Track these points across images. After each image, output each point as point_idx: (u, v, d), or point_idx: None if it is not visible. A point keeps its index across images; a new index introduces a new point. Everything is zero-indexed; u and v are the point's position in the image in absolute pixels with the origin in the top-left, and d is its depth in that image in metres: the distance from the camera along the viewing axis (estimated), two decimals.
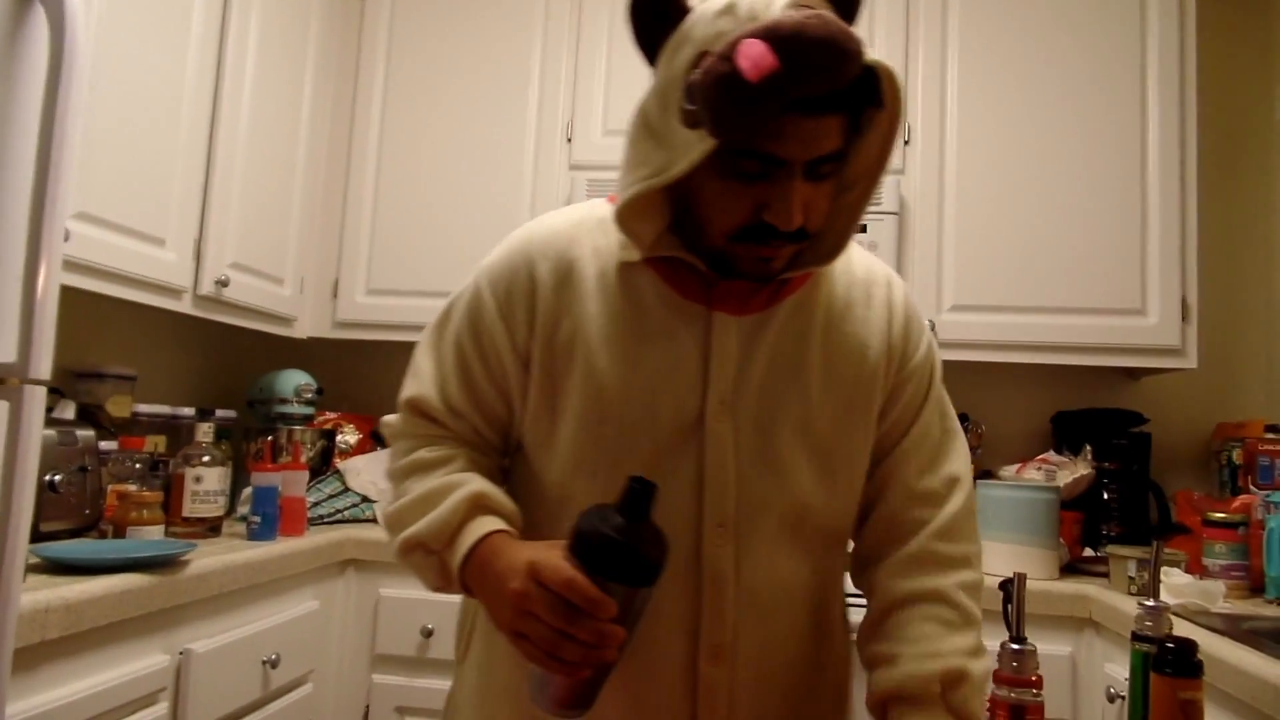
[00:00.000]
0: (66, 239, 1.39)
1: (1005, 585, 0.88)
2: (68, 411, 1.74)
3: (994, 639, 0.90)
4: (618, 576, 0.75)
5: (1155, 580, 0.94)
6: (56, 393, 1.78)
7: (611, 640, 0.75)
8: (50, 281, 1.00)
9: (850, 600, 1.04)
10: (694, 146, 0.80)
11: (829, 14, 0.78)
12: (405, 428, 0.98)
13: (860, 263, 1.00)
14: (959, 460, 0.99)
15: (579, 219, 0.96)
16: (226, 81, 1.98)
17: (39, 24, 1.07)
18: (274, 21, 2.15)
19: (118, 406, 1.94)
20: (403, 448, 0.97)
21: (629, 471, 0.79)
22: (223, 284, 1.98)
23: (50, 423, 1.56)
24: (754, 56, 0.75)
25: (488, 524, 0.87)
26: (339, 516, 2.15)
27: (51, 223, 1.00)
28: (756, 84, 0.75)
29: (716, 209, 0.85)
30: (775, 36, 0.75)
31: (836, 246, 0.91)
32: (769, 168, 0.81)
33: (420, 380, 0.97)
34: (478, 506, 0.88)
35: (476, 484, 0.89)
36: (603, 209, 0.96)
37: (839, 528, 0.97)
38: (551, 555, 0.78)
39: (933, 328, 2.14)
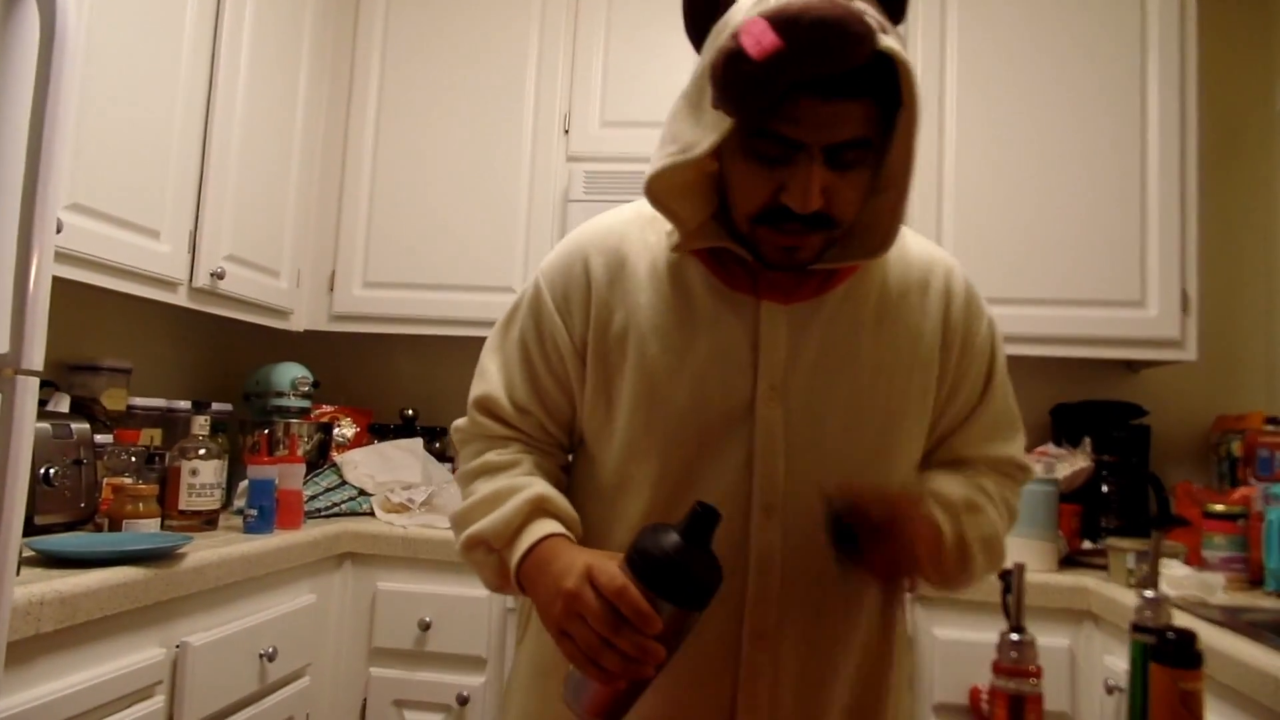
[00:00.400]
0: (60, 230, 1.38)
1: (1005, 575, 0.88)
2: (62, 404, 1.73)
3: (993, 630, 0.90)
4: (669, 595, 0.76)
5: (1155, 572, 0.93)
6: (51, 386, 1.77)
7: (651, 657, 0.76)
8: (42, 272, 0.99)
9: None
10: (718, 127, 0.82)
11: (855, 2, 0.79)
12: (474, 429, 1.01)
13: (918, 250, 1.00)
14: (1020, 443, 1.01)
15: (631, 217, 0.99)
16: (221, 71, 1.96)
17: (29, 13, 1.06)
18: (269, 10, 2.14)
19: (113, 399, 1.93)
20: (472, 450, 1.00)
21: (681, 456, 0.85)
22: (218, 276, 1.97)
23: (45, 415, 1.56)
24: (756, 34, 0.76)
25: (547, 526, 0.90)
26: (336, 510, 2.14)
27: (43, 213, 0.99)
28: (760, 62, 0.76)
29: (740, 191, 0.87)
30: (780, 16, 0.76)
31: (884, 243, 0.91)
32: (788, 151, 0.83)
33: (487, 380, 1.00)
34: (539, 510, 0.91)
35: (539, 487, 0.92)
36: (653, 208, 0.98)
37: None
38: (609, 564, 0.79)
39: None
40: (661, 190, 0.89)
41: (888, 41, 0.79)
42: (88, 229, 1.60)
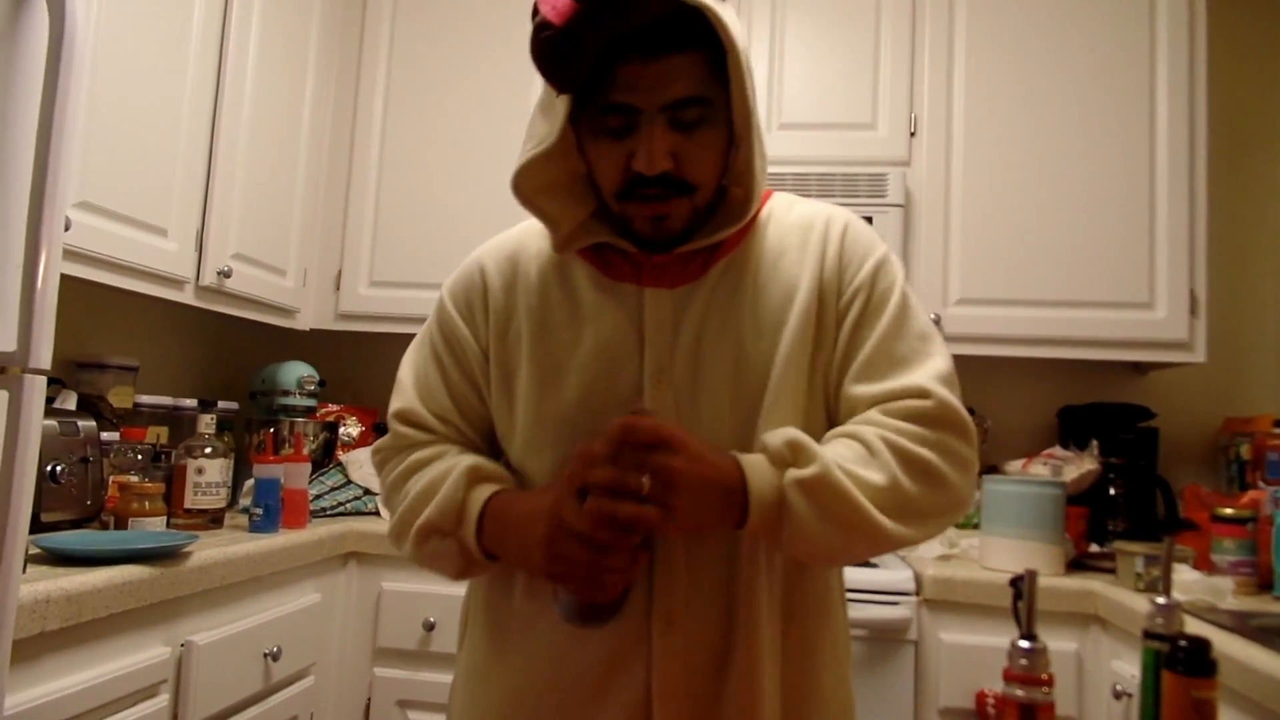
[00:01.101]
0: (68, 228, 1.38)
1: (1016, 582, 0.87)
2: (69, 402, 1.73)
3: (1004, 636, 0.89)
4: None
5: (1168, 577, 0.92)
6: (58, 383, 1.77)
7: (640, 559, 0.82)
8: (50, 270, 0.99)
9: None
10: (561, 111, 0.87)
11: None
12: (397, 442, 1.02)
13: (800, 210, 0.99)
14: (924, 372, 0.89)
15: (526, 228, 1.03)
16: (229, 70, 1.96)
17: (39, 11, 1.06)
18: (277, 9, 2.14)
19: (119, 397, 1.93)
20: (396, 461, 1.00)
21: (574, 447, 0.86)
22: (225, 275, 1.97)
23: (51, 413, 1.56)
24: (552, 1, 0.80)
25: (487, 490, 0.92)
26: (341, 509, 2.14)
27: (52, 211, 0.99)
28: (561, 26, 0.80)
29: (600, 173, 0.90)
30: None
31: (746, 205, 0.93)
32: (629, 119, 0.85)
33: (404, 394, 1.03)
34: (476, 479, 0.93)
35: (468, 459, 0.94)
36: None
37: None
38: (565, 499, 0.82)
39: (938, 321, 2.14)
40: (532, 191, 0.92)
41: None
42: (95, 227, 1.60)
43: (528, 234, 1.02)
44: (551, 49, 0.82)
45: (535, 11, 0.83)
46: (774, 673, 0.89)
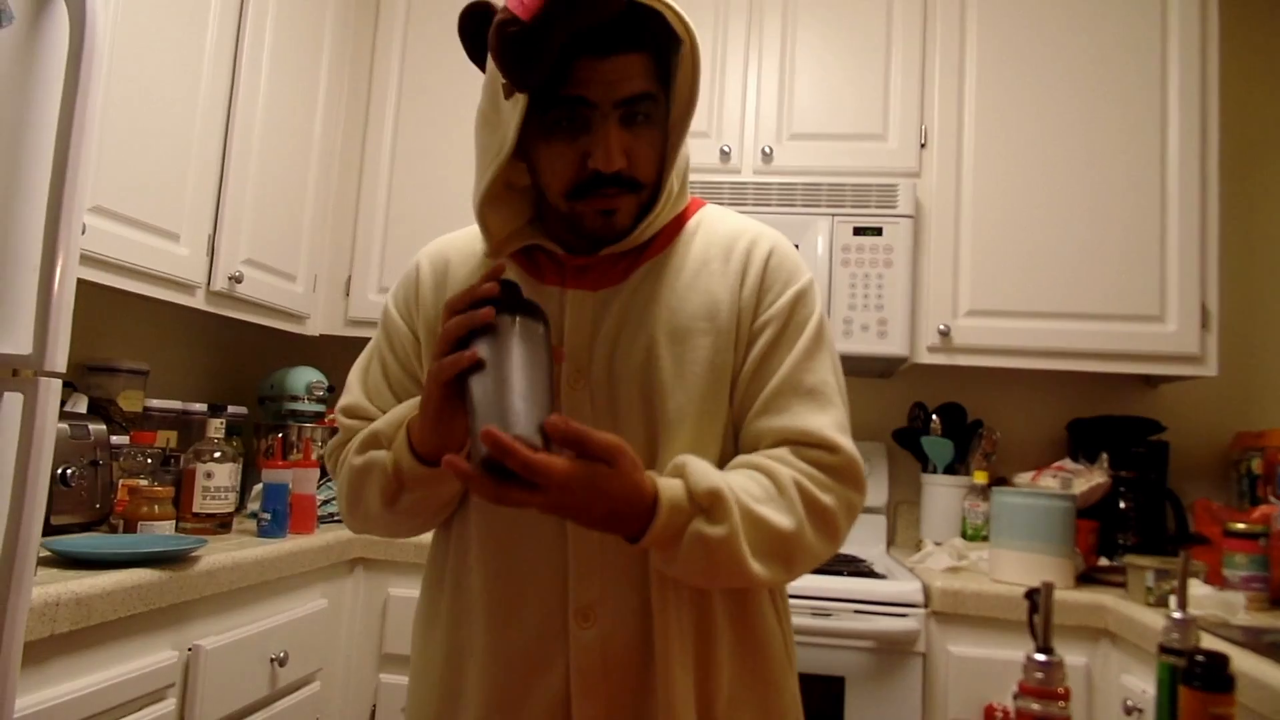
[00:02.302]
0: (83, 233, 1.38)
1: (1032, 595, 0.86)
2: (80, 405, 1.74)
3: (1013, 649, 0.88)
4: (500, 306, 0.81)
5: (1184, 591, 0.92)
6: (69, 386, 1.78)
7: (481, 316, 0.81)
8: (67, 274, 0.99)
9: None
10: (515, 112, 0.87)
11: None
12: (342, 437, 1.04)
13: (729, 224, 1.01)
14: (829, 420, 0.90)
15: (465, 232, 1.07)
16: (242, 77, 1.97)
17: (59, 18, 1.07)
18: (289, 18, 2.15)
19: (129, 401, 1.93)
20: (342, 451, 1.02)
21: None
22: (236, 280, 1.97)
23: (62, 416, 1.56)
24: None
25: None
26: None
27: (69, 216, 0.99)
28: (528, 21, 0.81)
29: (550, 172, 0.91)
30: None
31: (679, 197, 0.96)
32: (583, 115, 0.87)
33: (351, 391, 1.06)
34: (413, 409, 0.93)
35: (408, 403, 0.95)
36: None
37: None
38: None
39: (948, 333, 2.14)
40: (486, 207, 0.95)
41: None
42: (108, 231, 1.61)
43: (464, 236, 1.06)
44: (516, 44, 0.83)
45: (483, 7, 0.87)
46: (691, 673, 0.89)
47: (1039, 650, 0.84)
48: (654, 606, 0.89)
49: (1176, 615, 0.90)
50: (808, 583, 1.79)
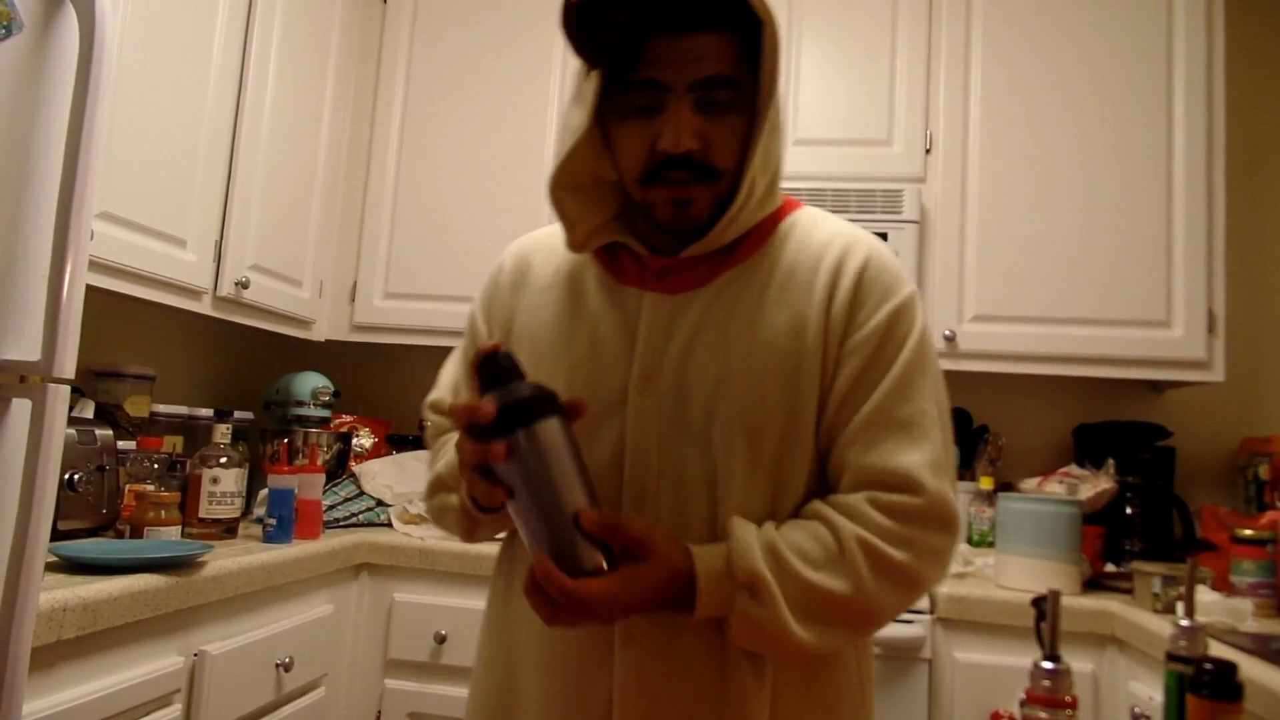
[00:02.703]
0: (90, 239, 1.39)
1: (1039, 602, 0.86)
2: (87, 410, 1.74)
3: (1019, 656, 0.88)
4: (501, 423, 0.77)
5: (1191, 599, 0.91)
6: (76, 391, 1.78)
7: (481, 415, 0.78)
8: (76, 280, 1.00)
9: None
10: (591, 90, 0.86)
11: None
12: (430, 431, 1.08)
13: (824, 229, 0.94)
14: (920, 456, 0.83)
15: (556, 227, 1.01)
16: (249, 83, 1.98)
17: (69, 24, 1.08)
18: (297, 24, 2.16)
19: (136, 406, 1.94)
20: (433, 445, 1.07)
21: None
22: (242, 285, 1.98)
23: (70, 421, 1.56)
24: None
25: None
26: (354, 520, 2.14)
27: (78, 222, 1.00)
28: None
29: (624, 156, 0.89)
30: None
31: (769, 195, 0.90)
32: (656, 97, 0.84)
33: (439, 386, 1.09)
34: None
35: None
36: None
37: (770, 507, 0.88)
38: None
39: (953, 338, 2.14)
40: (562, 191, 0.92)
41: None
42: (116, 237, 1.62)
43: (552, 233, 1.02)
44: (580, 17, 0.82)
45: None
46: (746, 703, 0.85)
47: (1046, 658, 0.84)
48: (702, 632, 0.85)
49: (1184, 623, 0.90)
50: None
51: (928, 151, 2.23)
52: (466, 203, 2.41)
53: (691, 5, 0.83)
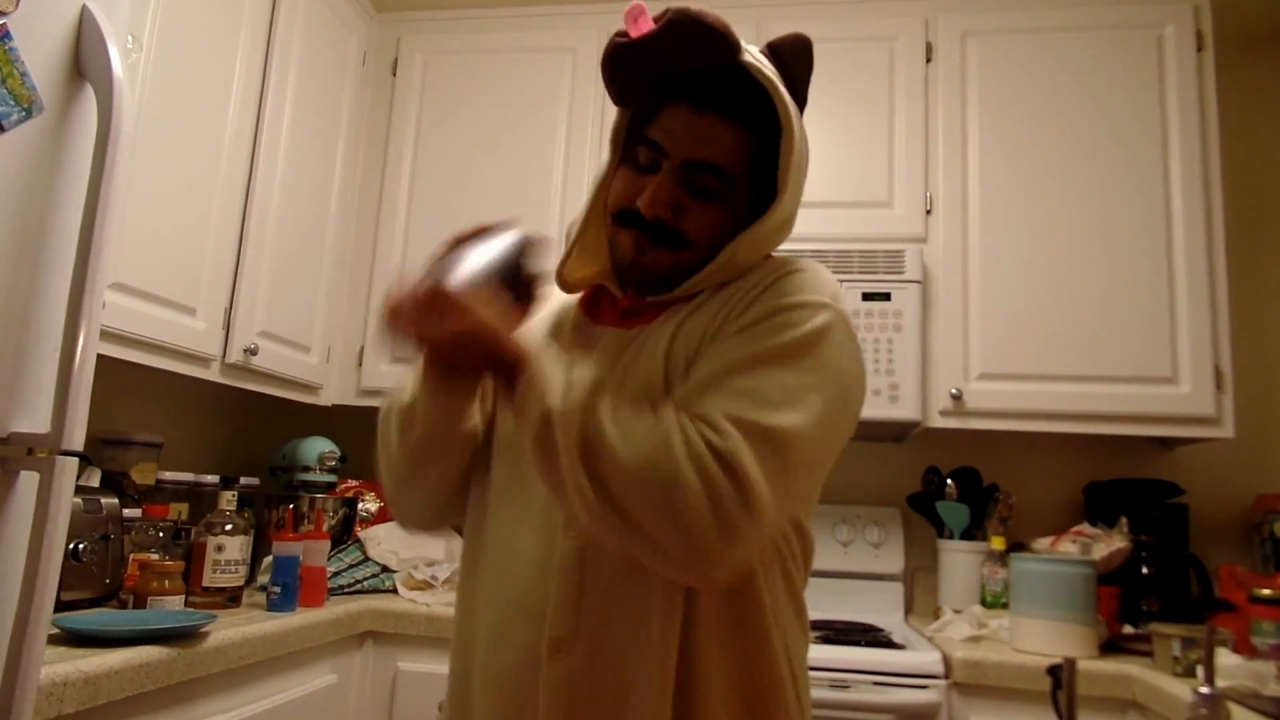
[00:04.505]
0: (102, 309, 1.40)
1: (1054, 671, 0.84)
2: (93, 479, 1.74)
3: (1033, 718, 0.85)
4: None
5: (1210, 665, 0.89)
6: (84, 460, 1.78)
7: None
8: (87, 355, 1.01)
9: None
10: (617, 128, 0.95)
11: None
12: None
13: (776, 261, 0.95)
14: (740, 407, 0.78)
15: None
16: (261, 153, 2.03)
17: (88, 104, 1.11)
18: (309, 96, 2.22)
19: (143, 474, 1.94)
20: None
21: (503, 474, 0.93)
22: (251, 352, 2.00)
23: (76, 490, 1.56)
24: (635, 16, 0.86)
25: None
26: (359, 587, 2.12)
27: (91, 297, 1.01)
28: (635, 40, 0.86)
29: (613, 192, 0.95)
30: (665, 10, 0.86)
31: (725, 263, 0.91)
32: (655, 160, 0.90)
33: None
34: None
35: None
36: None
37: None
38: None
39: (960, 396, 2.13)
40: (587, 228, 0.99)
41: (753, 59, 0.87)
42: (126, 306, 1.64)
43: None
44: (616, 59, 0.89)
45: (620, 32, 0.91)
46: None
47: None
48: (633, 651, 0.83)
49: (1204, 690, 0.88)
50: (824, 653, 1.76)
51: (928, 212, 2.26)
52: None
53: (720, 89, 0.88)
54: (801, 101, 0.93)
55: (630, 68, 0.90)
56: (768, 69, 0.88)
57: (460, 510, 1.01)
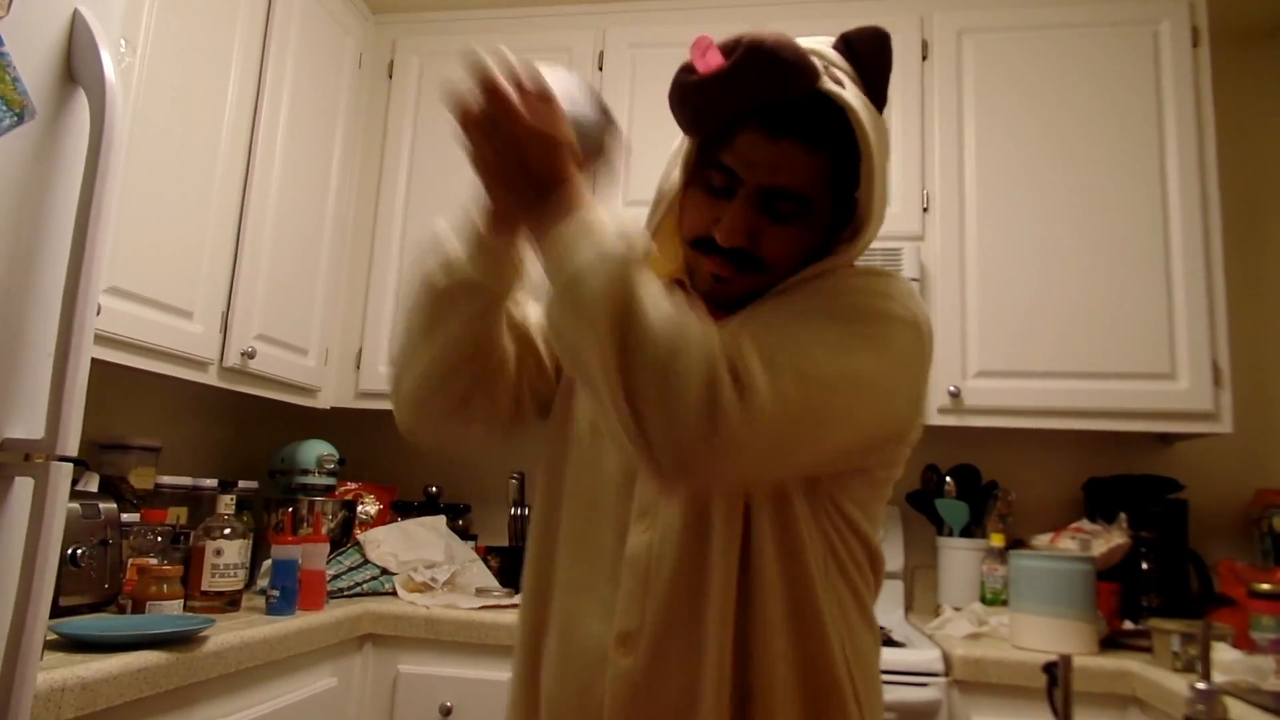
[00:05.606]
0: (98, 314, 1.40)
1: (1050, 668, 0.84)
2: (91, 484, 1.74)
3: (1046, 718, 0.85)
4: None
5: (1206, 661, 0.89)
6: (82, 465, 1.78)
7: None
8: (81, 359, 1.01)
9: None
10: (683, 153, 0.92)
11: (823, 51, 0.87)
12: None
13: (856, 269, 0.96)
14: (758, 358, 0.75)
15: None
16: (258, 157, 2.03)
17: (80, 107, 1.11)
18: (305, 99, 2.22)
19: (141, 478, 1.94)
20: None
21: (557, 468, 0.95)
22: (249, 355, 2.00)
23: (74, 495, 1.56)
24: (703, 48, 0.83)
25: None
26: (358, 589, 2.12)
27: (84, 302, 1.01)
28: (702, 78, 0.83)
29: (686, 217, 0.92)
30: (732, 39, 0.83)
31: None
32: (730, 184, 0.87)
33: None
34: None
35: None
36: None
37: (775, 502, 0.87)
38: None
39: (958, 394, 2.13)
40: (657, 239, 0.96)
41: (832, 86, 0.83)
42: (123, 311, 1.64)
43: None
44: (684, 95, 0.86)
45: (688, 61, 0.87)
46: None
47: None
48: (691, 651, 0.84)
49: (1200, 686, 0.88)
50: None
51: (925, 210, 2.26)
52: None
53: (795, 112, 0.84)
54: (881, 100, 0.90)
55: (697, 101, 0.86)
56: (848, 93, 0.84)
57: (468, 417, 0.97)
